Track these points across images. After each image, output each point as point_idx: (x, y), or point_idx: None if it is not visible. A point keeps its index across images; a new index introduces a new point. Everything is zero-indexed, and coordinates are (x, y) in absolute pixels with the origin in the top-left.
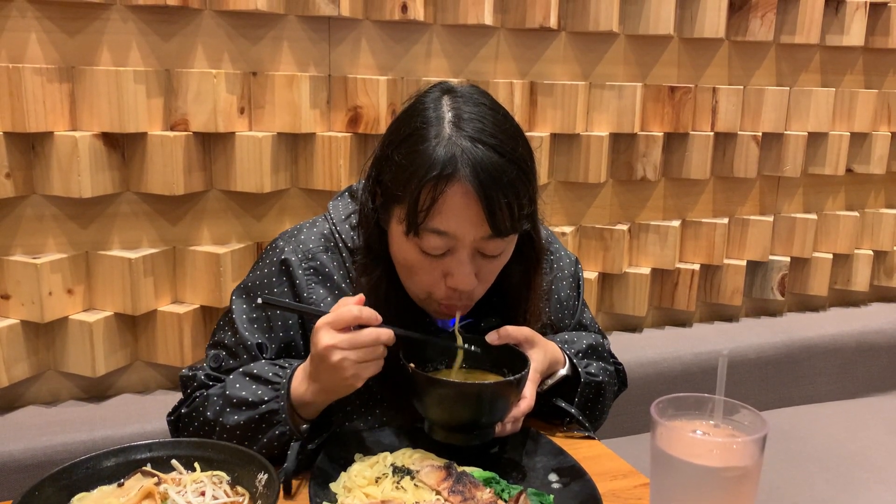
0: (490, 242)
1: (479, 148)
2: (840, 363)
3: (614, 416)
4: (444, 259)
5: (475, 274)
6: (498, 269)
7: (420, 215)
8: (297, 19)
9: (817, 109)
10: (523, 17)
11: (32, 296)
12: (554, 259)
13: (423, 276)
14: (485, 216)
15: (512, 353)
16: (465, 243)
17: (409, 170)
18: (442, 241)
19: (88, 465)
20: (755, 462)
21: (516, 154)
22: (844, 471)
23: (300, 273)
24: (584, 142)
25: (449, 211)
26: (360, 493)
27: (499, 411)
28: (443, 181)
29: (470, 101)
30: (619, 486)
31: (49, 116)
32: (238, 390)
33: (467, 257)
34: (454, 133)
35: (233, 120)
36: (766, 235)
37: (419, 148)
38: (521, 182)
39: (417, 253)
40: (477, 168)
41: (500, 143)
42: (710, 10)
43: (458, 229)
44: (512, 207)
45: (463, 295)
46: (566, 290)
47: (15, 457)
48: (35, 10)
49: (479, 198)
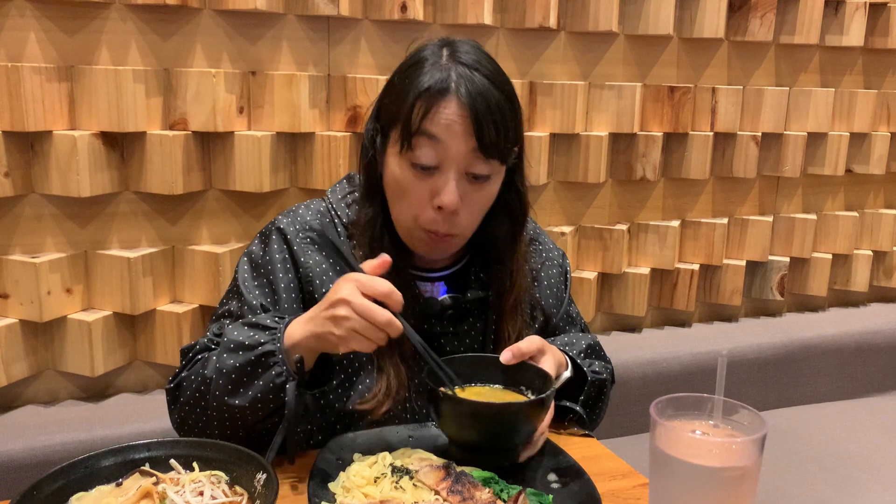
0: (477, 162)
1: (473, 73)
2: (839, 363)
3: (613, 415)
4: (432, 177)
5: (461, 198)
6: (482, 202)
7: (413, 125)
8: (296, 19)
9: (817, 110)
10: (523, 17)
11: (31, 295)
12: (542, 249)
13: (412, 196)
14: (473, 130)
15: (523, 365)
16: (454, 157)
17: (407, 88)
18: (432, 151)
19: (87, 465)
20: (754, 462)
21: (506, 87)
22: (843, 471)
23: (297, 241)
24: (583, 142)
25: (440, 120)
26: (358, 493)
27: (528, 430)
28: (436, 94)
29: (467, 44)
30: (619, 486)
31: (48, 115)
32: (236, 336)
33: (454, 175)
34: (450, 62)
35: (232, 119)
36: (765, 236)
37: (417, 71)
38: (508, 110)
39: (409, 170)
40: (469, 87)
41: (492, 74)
42: (710, 11)
43: (447, 137)
44: (498, 128)
45: (447, 219)
46: (555, 278)
47: (13, 456)
48: (34, 9)
49: (469, 112)
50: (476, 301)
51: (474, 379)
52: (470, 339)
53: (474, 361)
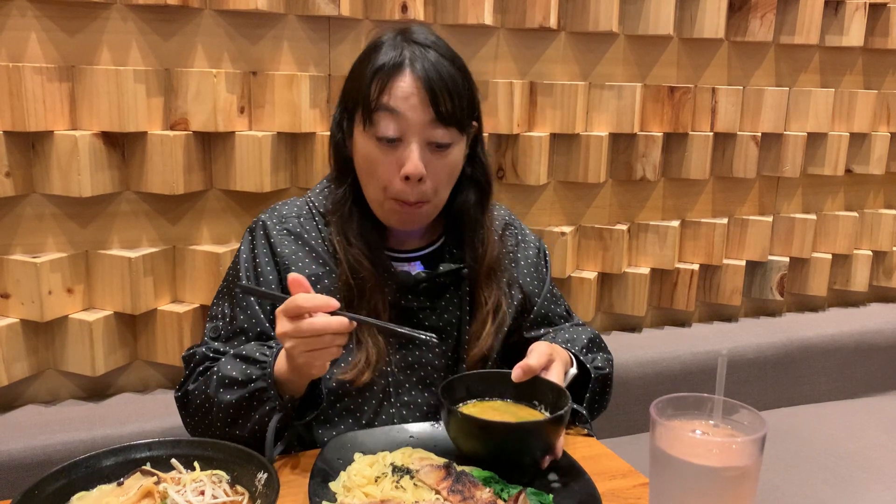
0: (436, 130)
1: (426, 50)
2: (839, 363)
3: (613, 415)
4: (396, 150)
5: (425, 167)
6: (447, 170)
7: (372, 102)
8: (297, 19)
9: (816, 110)
10: (523, 17)
11: (32, 295)
12: (518, 232)
13: (380, 170)
14: (428, 99)
15: (535, 379)
16: (414, 127)
17: (364, 69)
18: (393, 124)
19: (88, 465)
20: (754, 462)
21: (458, 62)
22: (843, 471)
23: (274, 233)
24: (583, 142)
25: (397, 94)
26: (359, 493)
27: (545, 447)
28: (392, 69)
29: (420, 27)
30: (619, 485)
31: (49, 115)
32: (229, 370)
33: (416, 145)
34: (404, 42)
35: (233, 119)
36: (765, 235)
37: (374, 54)
38: (461, 80)
39: (374, 145)
40: (423, 62)
41: (445, 51)
42: (710, 11)
43: (406, 109)
44: (453, 97)
45: (415, 188)
46: (532, 258)
47: (14, 456)
48: (35, 9)
49: (423, 83)
50: (451, 274)
51: (485, 395)
52: (448, 313)
53: (486, 378)
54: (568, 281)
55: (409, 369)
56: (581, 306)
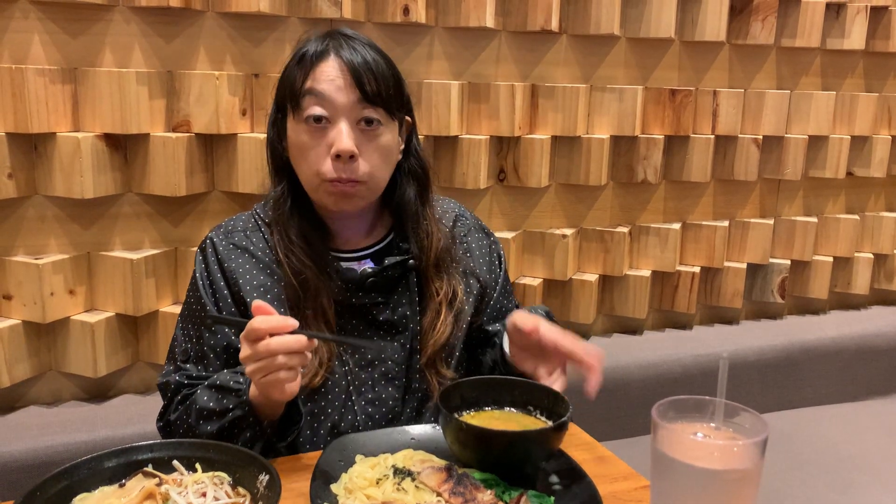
0: (364, 109)
1: (351, 41)
2: (840, 366)
3: (615, 418)
4: (326, 132)
5: (357, 147)
6: (379, 151)
7: (297, 87)
8: (299, 21)
9: (818, 113)
10: (524, 20)
11: (34, 296)
12: (470, 223)
13: (312, 153)
14: (353, 80)
15: (530, 385)
16: (341, 108)
17: (293, 63)
18: (320, 105)
19: (90, 466)
20: (755, 465)
21: (383, 53)
22: (844, 474)
23: (221, 248)
24: (584, 144)
25: (321, 76)
26: (360, 495)
27: (547, 453)
28: (315, 57)
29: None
30: (620, 488)
31: (51, 117)
32: (206, 402)
33: (345, 124)
34: (328, 37)
35: (235, 121)
36: (766, 238)
37: (301, 49)
38: (385, 66)
39: (304, 130)
40: (347, 50)
41: (370, 43)
42: (711, 14)
43: (332, 91)
44: (378, 78)
45: (347, 166)
46: (486, 249)
47: (16, 457)
48: (38, 11)
49: (347, 66)
50: (398, 268)
51: (481, 402)
52: (402, 306)
53: (480, 385)
54: (569, 283)
55: (370, 366)
56: (582, 309)
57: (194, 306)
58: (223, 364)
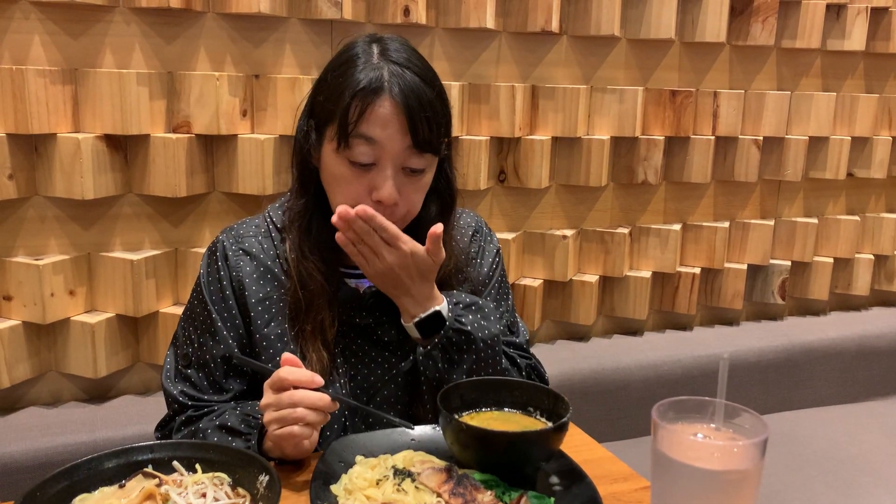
0: (412, 156)
1: (404, 71)
2: (840, 367)
3: (615, 419)
4: (370, 173)
5: (398, 191)
6: (418, 192)
7: (350, 125)
8: (299, 22)
9: (818, 114)
10: (525, 21)
11: (34, 297)
12: (481, 239)
13: (351, 190)
14: (407, 127)
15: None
16: (390, 154)
17: (341, 86)
18: (369, 149)
19: (90, 467)
20: (756, 465)
21: (436, 83)
22: (845, 474)
23: (230, 253)
24: (585, 145)
25: (376, 120)
26: (360, 496)
27: (549, 453)
28: (371, 94)
29: (396, 41)
30: (620, 489)
31: (52, 118)
32: (215, 442)
33: (391, 171)
34: (382, 60)
35: (235, 122)
36: (766, 239)
37: (351, 69)
38: (439, 105)
39: (346, 167)
40: (402, 85)
41: (422, 72)
42: (712, 15)
43: (384, 137)
44: (431, 124)
45: (386, 211)
46: (488, 266)
47: (16, 458)
48: (38, 12)
49: (403, 110)
50: None
51: (481, 403)
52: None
53: (480, 385)
54: (569, 284)
55: (372, 389)
56: (582, 310)
57: (197, 309)
58: (224, 374)
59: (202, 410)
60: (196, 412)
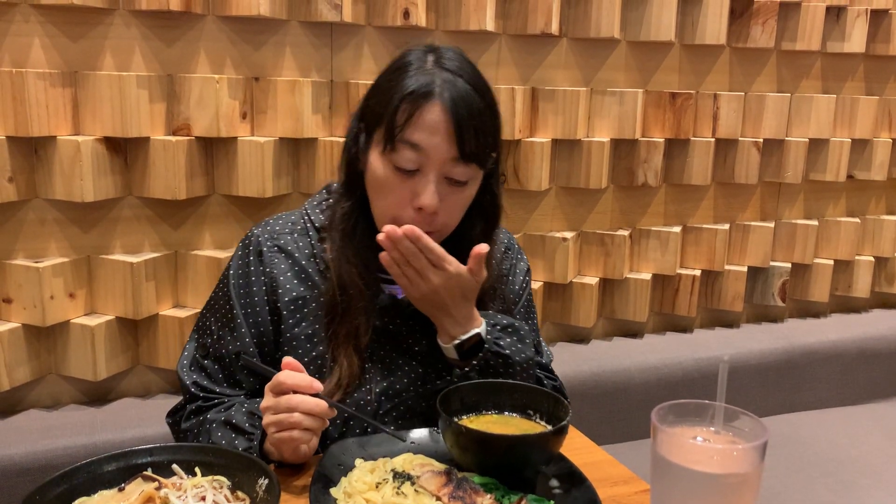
0: (456, 166)
1: (456, 79)
2: (841, 369)
3: (615, 421)
4: (413, 179)
5: (440, 200)
6: (460, 204)
7: (397, 129)
8: (299, 25)
9: (818, 116)
10: (525, 23)
11: (34, 299)
12: (513, 255)
13: (393, 195)
14: (454, 136)
15: (530, 389)
16: (434, 162)
17: (392, 90)
18: (414, 155)
19: (89, 470)
20: (755, 468)
21: (488, 95)
22: (845, 477)
23: (265, 249)
24: (585, 147)
25: (423, 126)
26: (360, 499)
27: (548, 457)
28: (421, 98)
29: (451, 51)
30: (620, 492)
31: (52, 121)
32: (220, 439)
33: (434, 178)
34: (435, 67)
35: (235, 125)
36: (766, 241)
37: (403, 74)
38: (489, 117)
39: (391, 171)
40: (452, 93)
41: (474, 81)
42: (712, 17)
43: (430, 145)
44: (479, 135)
45: (426, 219)
46: (518, 284)
47: (16, 461)
48: (38, 14)
49: (452, 118)
50: None
51: (481, 406)
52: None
53: (479, 388)
54: (569, 286)
55: (397, 397)
56: (582, 312)
57: (221, 300)
58: (239, 369)
59: (212, 401)
60: (206, 402)
